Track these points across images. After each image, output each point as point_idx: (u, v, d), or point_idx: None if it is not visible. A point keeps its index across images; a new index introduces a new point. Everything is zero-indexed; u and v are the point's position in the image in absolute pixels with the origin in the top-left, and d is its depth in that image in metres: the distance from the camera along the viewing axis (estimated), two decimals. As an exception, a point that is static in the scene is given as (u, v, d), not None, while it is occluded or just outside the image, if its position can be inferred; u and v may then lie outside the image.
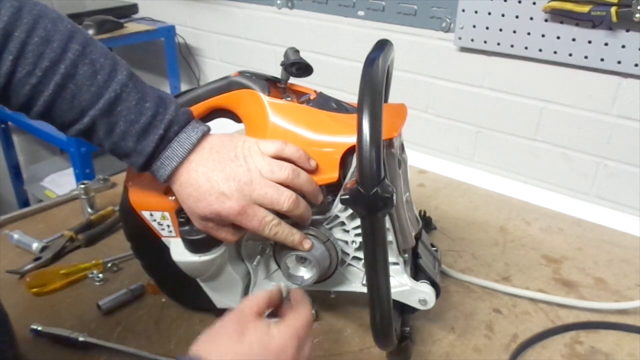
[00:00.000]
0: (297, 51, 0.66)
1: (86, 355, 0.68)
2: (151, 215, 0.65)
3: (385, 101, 0.66)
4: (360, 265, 0.66)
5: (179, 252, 0.64)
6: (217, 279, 0.67)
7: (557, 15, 1.00)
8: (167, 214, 0.64)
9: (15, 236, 0.89)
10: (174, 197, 0.62)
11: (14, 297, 0.78)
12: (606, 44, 0.97)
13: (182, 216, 0.61)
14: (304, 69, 0.65)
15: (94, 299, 0.75)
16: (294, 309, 0.52)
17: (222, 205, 0.56)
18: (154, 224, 0.65)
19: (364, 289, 0.65)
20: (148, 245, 0.68)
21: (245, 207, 0.56)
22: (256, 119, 0.64)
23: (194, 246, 0.62)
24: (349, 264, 0.66)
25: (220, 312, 0.58)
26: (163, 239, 0.66)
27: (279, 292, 0.54)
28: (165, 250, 0.66)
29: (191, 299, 0.73)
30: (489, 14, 1.09)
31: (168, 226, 0.65)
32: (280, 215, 0.58)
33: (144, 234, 0.66)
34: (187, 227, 0.61)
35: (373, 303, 0.55)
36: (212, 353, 0.44)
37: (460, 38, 1.15)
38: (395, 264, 0.63)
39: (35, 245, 0.87)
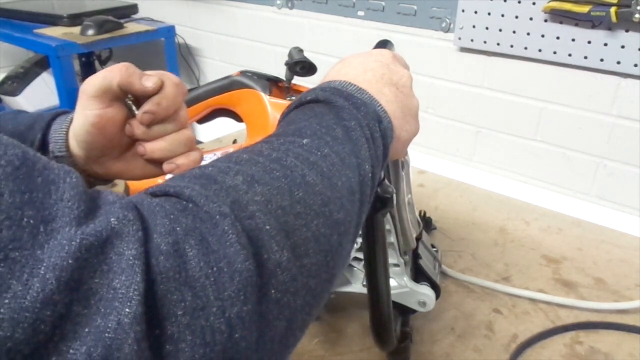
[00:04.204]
0: (301, 50, 0.66)
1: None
2: (152, 215, 0.65)
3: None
4: (360, 265, 0.65)
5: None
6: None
7: (557, 16, 1.00)
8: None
9: (16, 236, 0.89)
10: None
11: (14, 297, 0.77)
12: (606, 44, 0.97)
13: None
14: (308, 68, 0.65)
15: (94, 299, 0.75)
16: None
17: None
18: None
19: (364, 290, 0.64)
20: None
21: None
22: (257, 118, 0.64)
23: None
24: (349, 264, 0.66)
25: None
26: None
27: None
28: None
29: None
30: (489, 14, 1.09)
31: (168, 226, 0.65)
32: None
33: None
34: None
35: (373, 304, 0.56)
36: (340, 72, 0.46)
37: (460, 38, 1.16)
38: (396, 265, 0.63)
39: (36, 245, 0.87)
